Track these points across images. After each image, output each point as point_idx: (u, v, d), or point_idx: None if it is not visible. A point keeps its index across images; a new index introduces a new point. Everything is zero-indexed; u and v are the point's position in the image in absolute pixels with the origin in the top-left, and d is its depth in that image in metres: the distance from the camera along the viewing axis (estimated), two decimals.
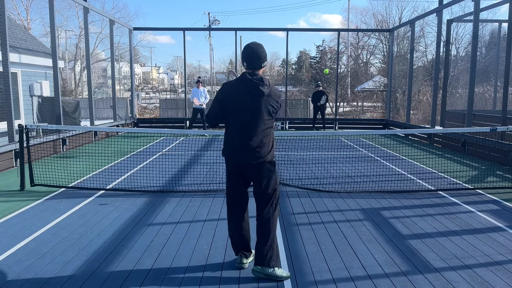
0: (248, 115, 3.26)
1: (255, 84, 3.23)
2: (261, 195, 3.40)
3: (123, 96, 28.60)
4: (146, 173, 7.37)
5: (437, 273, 3.50)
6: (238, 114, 3.28)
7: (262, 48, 3.32)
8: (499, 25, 14.25)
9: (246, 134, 3.28)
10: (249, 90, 3.24)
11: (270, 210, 3.39)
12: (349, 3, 42.82)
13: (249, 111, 3.26)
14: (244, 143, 3.29)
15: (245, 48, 3.31)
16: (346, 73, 32.29)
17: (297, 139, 12.45)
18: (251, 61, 3.28)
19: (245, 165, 3.37)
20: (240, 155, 3.34)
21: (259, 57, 3.28)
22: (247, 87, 3.24)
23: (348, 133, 9.01)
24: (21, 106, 11.86)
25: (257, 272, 3.35)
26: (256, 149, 3.29)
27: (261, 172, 3.36)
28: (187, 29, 15.82)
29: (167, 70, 73.65)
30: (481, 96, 16.23)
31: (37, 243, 4.12)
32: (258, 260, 3.36)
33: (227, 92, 3.33)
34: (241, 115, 3.28)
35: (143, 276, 3.42)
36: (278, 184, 3.46)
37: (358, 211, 5.25)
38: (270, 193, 3.38)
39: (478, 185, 6.78)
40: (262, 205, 3.41)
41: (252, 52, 3.27)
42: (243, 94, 3.26)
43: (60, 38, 32.24)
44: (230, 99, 3.29)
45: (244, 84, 3.27)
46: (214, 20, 45.78)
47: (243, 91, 3.26)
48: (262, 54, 3.29)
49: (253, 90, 3.23)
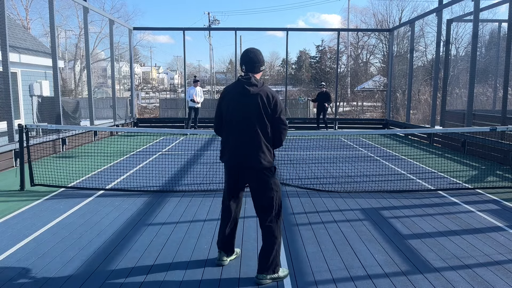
0: (239, 116, 3.29)
1: (244, 83, 3.29)
2: (257, 203, 3.39)
3: (123, 96, 28.57)
4: (146, 173, 7.37)
5: (437, 273, 3.50)
6: (231, 114, 3.32)
7: (259, 53, 3.40)
8: (499, 25, 14.25)
9: (239, 135, 3.30)
10: (238, 90, 3.31)
11: (269, 219, 3.34)
12: (349, 2, 42.84)
13: (240, 111, 3.28)
14: (237, 144, 3.31)
15: (243, 52, 3.41)
16: (346, 72, 32.30)
17: (297, 139, 12.45)
18: (246, 64, 3.36)
19: (239, 168, 3.37)
20: (234, 157, 3.35)
21: (254, 61, 3.35)
22: (238, 87, 3.32)
23: (348, 133, 9.01)
24: (21, 106, 11.85)
25: (262, 280, 3.28)
26: (250, 152, 3.27)
27: (256, 179, 3.34)
28: (187, 29, 15.81)
29: (167, 70, 73.61)
30: (481, 96, 16.23)
31: (37, 243, 4.12)
32: (262, 268, 3.30)
33: (223, 94, 3.44)
34: (233, 115, 3.31)
35: (143, 276, 3.42)
36: (279, 191, 3.39)
37: (358, 211, 5.25)
38: (265, 203, 3.34)
39: (478, 184, 6.78)
40: (260, 214, 3.38)
41: (249, 56, 3.36)
42: (234, 94, 3.34)
43: (59, 38, 32.22)
44: (225, 101, 3.38)
45: (236, 85, 3.36)
46: (214, 20, 45.77)
47: (234, 91, 3.34)
48: (258, 58, 3.37)
49: (242, 90, 3.29)
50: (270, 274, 3.30)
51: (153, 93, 47.35)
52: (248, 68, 3.35)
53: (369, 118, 23.82)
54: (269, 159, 3.32)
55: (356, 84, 32.49)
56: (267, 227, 3.34)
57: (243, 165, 3.34)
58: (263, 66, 3.42)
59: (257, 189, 3.36)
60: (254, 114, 3.25)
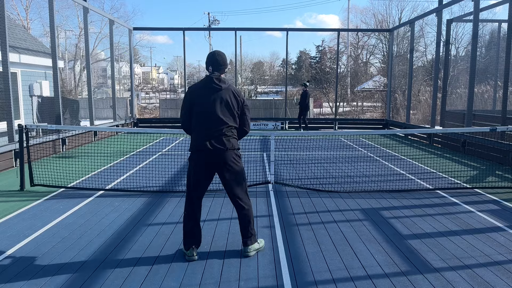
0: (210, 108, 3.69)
1: (212, 78, 3.72)
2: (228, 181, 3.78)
3: (123, 96, 28.60)
4: (146, 173, 7.37)
5: (437, 273, 3.50)
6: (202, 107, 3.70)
7: (224, 56, 3.87)
8: (499, 25, 14.25)
9: (208, 124, 3.68)
10: (208, 85, 3.73)
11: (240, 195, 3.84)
12: (348, 2, 42.85)
13: (209, 103, 3.69)
14: (206, 132, 3.68)
15: (210, 54, 3.82)
16: (346, 73, 32.29)
17: (297, 139, 12.45)
18: (213, 65, 3.78)
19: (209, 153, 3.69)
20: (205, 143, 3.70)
21: (220, 63, 3.79)
22: (208, 83, 3.74)
23: (348, 133, 8.99)
24: (21, 106, 11.85)
25: (249, 252, 3.79)
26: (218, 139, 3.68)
27: (225, 160, 3.71)
28: (186, 29, 15.82)
29: (167, 70, 73.59)
30: (481, 96, 16.23)
31: (37, 243, 4.12)
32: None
33: (192, 90, 3.80)
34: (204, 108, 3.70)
35: (143, 276, 3.42)
36: (243, 169, 3.84)
37: (358, 211, 5.25)
38: (236, 177, 3.77)
39: (477, 185, 6.78)
40: (232, 192, 3.81)
41: (216, 59, 3.79)
42: (204, 89, 3.74)
43: (59, 38, 32.23)
44: (196, 96, 3.74)
45: (205, 81, 3.76)
46: (214, 20, 45.78)
47: (205, 86, 3.75)
48: (224, 61, 3.83)
49: (211, 85, 3.71)
50: (254, 243, 3.85)
51: (153, 93, 47.31)
52: (214, 68, 3.78)
53: (369, 118, 23.82)
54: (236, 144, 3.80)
55: (356, 84, 32.49)
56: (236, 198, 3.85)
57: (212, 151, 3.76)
58: (226, 68, 3.87)
59: (226, 167, 3.77)
60: (224, 106, 3.69)
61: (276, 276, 3.44)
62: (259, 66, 47.08)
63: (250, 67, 44.06)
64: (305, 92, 15.25)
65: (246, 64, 42.83)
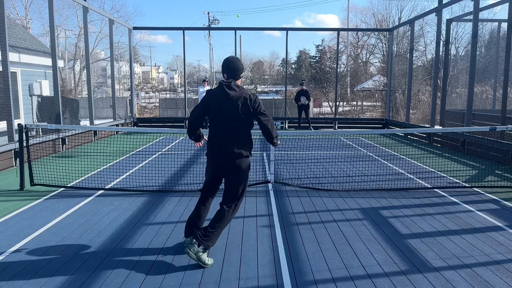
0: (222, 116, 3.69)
1: (223, 85, 3.69)
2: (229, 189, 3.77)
3: (122, 96, 28.56)
4: (146, 173, 7.37)
5: (437, 273, 3.50)
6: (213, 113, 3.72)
7: (239, 61, 3.81)
8: (499, 24, 14.25)
9: (218, 132, 3.72)
10: (219, 92, 3.70)
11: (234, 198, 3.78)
12: (348, 2, 42.70)
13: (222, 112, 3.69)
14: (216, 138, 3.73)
15: (225, 61, 3.78)
16: (346, 72, 32.28)
17: (297, 138, 12.45)
18: (227, 72, 3.76)
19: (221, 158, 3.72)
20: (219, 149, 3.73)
21: (233, 69, 3.75)
22: (219, 90, 3.71)
23: (348, 132, 9.01)
24: (20, 105, 11.85)
25: (193, 253, 3.55)
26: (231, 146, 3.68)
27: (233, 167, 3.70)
28: (186, 28, 15.81)
29: (167, 70, 73.57)
30: (481, 96, 16.23)
31: (36, 243, 4.12)
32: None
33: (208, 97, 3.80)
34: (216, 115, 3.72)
35: (143, 276, 3.43)
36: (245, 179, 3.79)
37: (357, 211, 5.26)
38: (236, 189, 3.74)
39: (477, 184, 6.79)
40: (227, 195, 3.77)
41: (228, 65, 3.76)
42: (216, 96, 3.72)
43: (59, 37, 32.21)
44: (211, 102, 3.73)
45: (218, 88, 3.75)
46: (213, 20, 45.77)
47: (217, 93, 3.73)
48: (238, 66, 3.77)
49: (222, 92, 3.67)
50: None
51: (153, 92, 47.27)
52: (229, 75, 3.75)
53: (368, 118, 23.81)
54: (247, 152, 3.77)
55: (356, 84, 32.47)
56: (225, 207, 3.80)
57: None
58: (242, 73, 3.81)
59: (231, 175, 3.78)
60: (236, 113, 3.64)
61: (276, 275, 3.45)
62: (259, 65, 47.05)
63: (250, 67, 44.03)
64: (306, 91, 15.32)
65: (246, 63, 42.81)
